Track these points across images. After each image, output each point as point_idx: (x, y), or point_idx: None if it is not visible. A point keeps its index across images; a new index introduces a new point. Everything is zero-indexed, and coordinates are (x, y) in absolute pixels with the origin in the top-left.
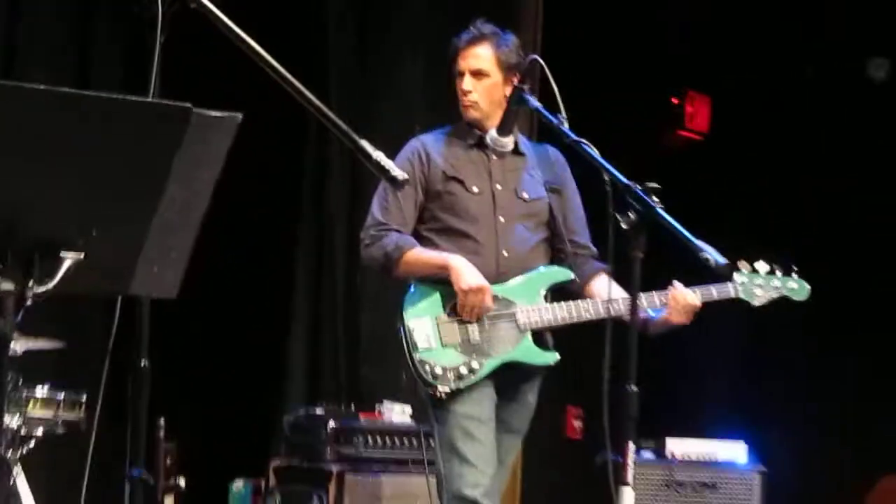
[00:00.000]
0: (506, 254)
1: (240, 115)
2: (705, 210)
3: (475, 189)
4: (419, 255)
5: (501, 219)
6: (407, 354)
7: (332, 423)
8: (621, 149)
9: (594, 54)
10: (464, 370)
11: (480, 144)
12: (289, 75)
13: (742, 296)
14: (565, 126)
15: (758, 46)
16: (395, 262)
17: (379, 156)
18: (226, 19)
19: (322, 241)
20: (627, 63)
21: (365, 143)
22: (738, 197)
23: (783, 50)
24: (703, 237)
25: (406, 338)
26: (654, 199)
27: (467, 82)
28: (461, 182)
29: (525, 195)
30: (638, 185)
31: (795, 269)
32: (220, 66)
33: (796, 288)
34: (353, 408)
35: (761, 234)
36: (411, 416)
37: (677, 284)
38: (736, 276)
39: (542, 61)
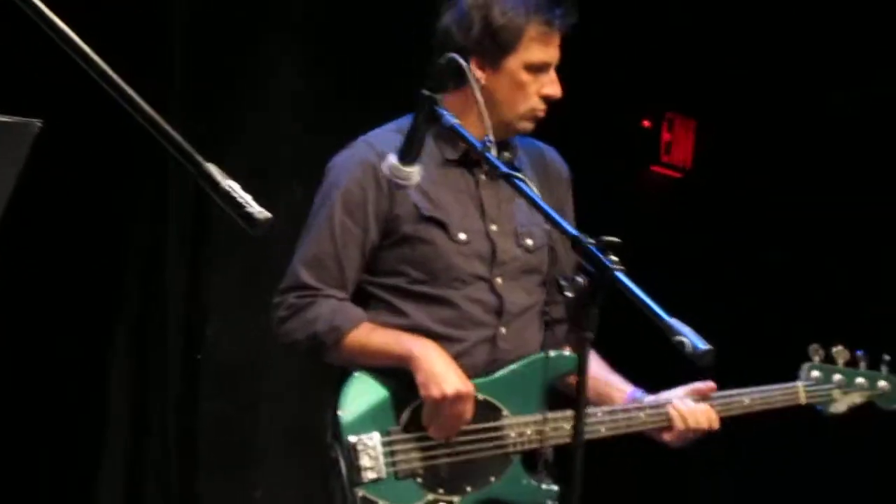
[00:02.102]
0: (504, 331)
1: (38, 122)
2: (686, 274)
3: (462, 236)
4: (368, 338)
5: (499, 279)
6: (345, 488)
7: None
8: (574, 189)
9: None
10: None
11: (466, 159)
12: (108, 69)
13: (815, 400)
14: (492, 153)
15: (764, 59)
16: (328, 349)
17: (231, 185)
18: None
19: (149, 304)
20: (581, 72)
21: (212, 169)
22: (731, 258)
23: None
24: (684, 315)
25: (345, 462)
26: (613, 258)
27: (555, 82)
28: (443, 226)
29: (528, 241)
30: (591, 239)
31: (887, 358)
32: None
33: (887, 390)
34: None
35: (770, 307)
36: None
37: (679, 394)
38: (806, 369)
39: (462, 62)
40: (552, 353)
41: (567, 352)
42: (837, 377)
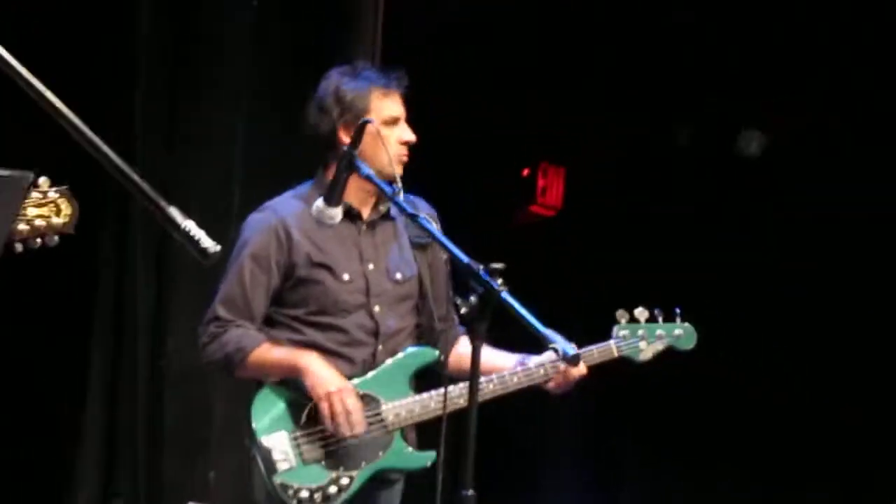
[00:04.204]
0: (381, 347)
1: (32, 174)
2: (559, 293)
3: (346, 276)
4: (265, 355)
5: (377, 308)
6: (264, 478)
7: None
8: (464, 225)
9: (435, 118)
10: (332, 489)
11: (349, 214)
12: (81, 125)
13: (626, 353)
14: (400, 197)
15: (619, 111)
16: (237, 365)
17: (188, 225)
18: (6, 55)
19: (121, 318)
20: (472, 128)
21: (173, 211)
22: (596, 280)
23: (650, 116)
24: (554, 322)
25: (262, 460)
26: (499, 281)
27: (408, 130)
28: (330, 269)
29: (398, 276)
30: (481, 266)
31: (678, 311)
32: None
33: (682, 335)
34: None
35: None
36: None
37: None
38: (616, 329)
39: (377, 125)
40: (413, 350)
41: (421, 347)
42: (641, 332)
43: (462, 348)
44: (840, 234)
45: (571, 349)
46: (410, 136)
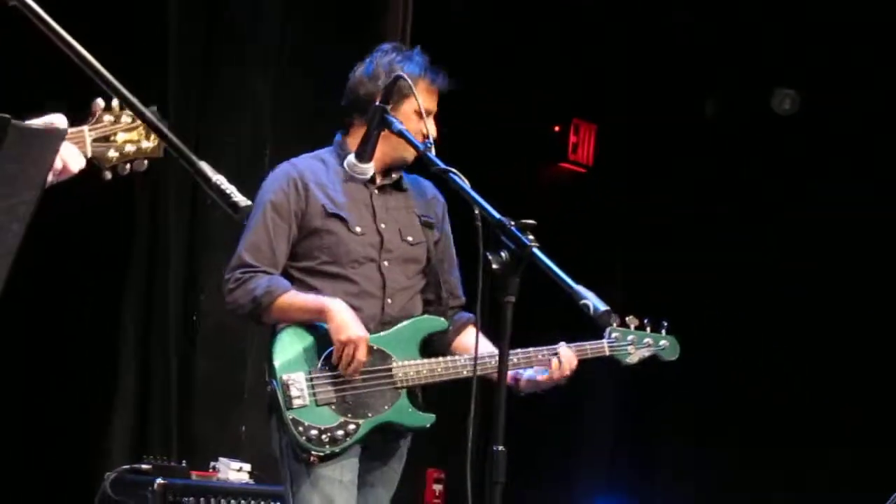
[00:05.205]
0: (390, 301)
1: (66, 128)
2: (588, 251)
3: (358, 229)
4: (293, 299)
5: (386, 262)
6: (280, 412)
7: (159, 481)
8: (495, 181)
9: (466, 76)
10: (339, 433)
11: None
12: (119, 85)
13: (615, 353)
14: (432, 152)
15: (653, 74)
16: (265, 309)
17: (219, 179)
18: (45, 16)
19: (154, 278)
20: (503, 86)
21: (204, 166)
22: (626, 237)
23: (682, 82)
24: (586, 283)
25: (280, 394)
26: (531, 237)
27: (433, 126)
28: (343, 220)
29: (410, 238)
30: (512, 222)
31: (665, 324)
32: (34, 76)
33: (667, 346)
34: (184, 464)
35: (649, 282)
36: (250, 475)
37: (563, 344)
38: (608, 331)
39: (408, 79)
40: (425, 316)
41: (433, 316)
42: (631, 337)
43: (467, 339)
44: (840, 234)
45: (602, 305)
46: (433, 133)
